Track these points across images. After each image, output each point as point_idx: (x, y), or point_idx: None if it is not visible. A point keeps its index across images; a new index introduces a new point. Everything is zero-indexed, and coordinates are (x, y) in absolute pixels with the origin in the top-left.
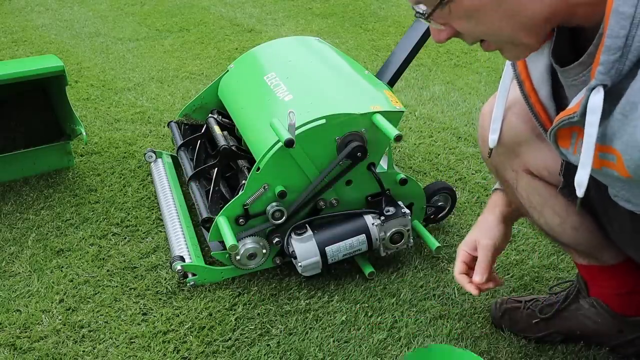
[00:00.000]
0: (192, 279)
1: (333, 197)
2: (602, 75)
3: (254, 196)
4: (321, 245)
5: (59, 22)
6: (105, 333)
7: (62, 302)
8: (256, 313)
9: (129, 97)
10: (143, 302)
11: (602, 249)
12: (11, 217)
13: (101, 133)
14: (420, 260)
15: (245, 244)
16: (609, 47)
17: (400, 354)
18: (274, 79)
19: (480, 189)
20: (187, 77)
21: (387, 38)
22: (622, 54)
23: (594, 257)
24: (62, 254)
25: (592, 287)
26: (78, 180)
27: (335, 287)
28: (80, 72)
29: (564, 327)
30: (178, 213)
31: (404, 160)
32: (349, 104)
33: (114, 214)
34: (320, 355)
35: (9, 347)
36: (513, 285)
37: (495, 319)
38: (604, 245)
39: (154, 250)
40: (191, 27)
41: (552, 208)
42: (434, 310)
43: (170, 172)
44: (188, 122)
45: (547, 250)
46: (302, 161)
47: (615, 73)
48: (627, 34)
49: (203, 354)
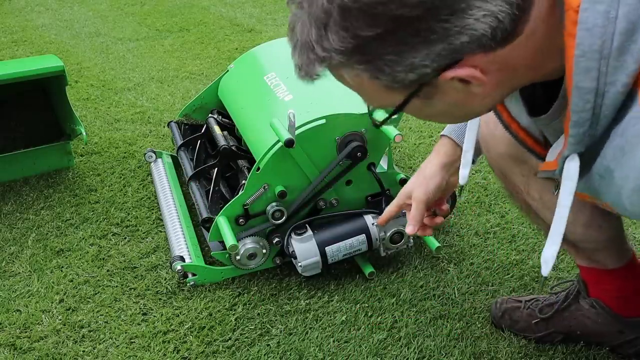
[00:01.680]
0: (192, 279)
1: (333, 197)
2: (574, 146)
3: (254, 196)
4: (321, 245)
5: (59, 22)
6: (105, 333)
7: (62, 302)
8: (256, 313)
9: (129, 97)
10: (143, 302)
11: (606, 250)
12: (11, 217)
13: (101, 133)
14: (420, 260)
15: (245, 244)
16: (577, 122)
17: (400, 354)
18: (274, 79)
19: (480, 189)
20: (187, 77)
21: None
22: (591, 123)
23: (595, 260)
24: (62, 254)
25: (593, 288)
26: (78, 180)
27: (335, 287)
28: (80, 72)
29: (564, 326)
30: (178, 213)
31: (404, 160)
32: (349, 104)
33: (114, 214)
34: (320, 355)
35: (9, 347)
36: (513, 285)
37: (495, 318)
38: (608, 247)
39: (154, 250)
40: (191, 27)
41: None
42: (434, 310)
43: (170, 172)
44: (188, 122)
45: None
46: (302, 161)
47: (588, 139)
48: (592, 106)
49: (203, 354)
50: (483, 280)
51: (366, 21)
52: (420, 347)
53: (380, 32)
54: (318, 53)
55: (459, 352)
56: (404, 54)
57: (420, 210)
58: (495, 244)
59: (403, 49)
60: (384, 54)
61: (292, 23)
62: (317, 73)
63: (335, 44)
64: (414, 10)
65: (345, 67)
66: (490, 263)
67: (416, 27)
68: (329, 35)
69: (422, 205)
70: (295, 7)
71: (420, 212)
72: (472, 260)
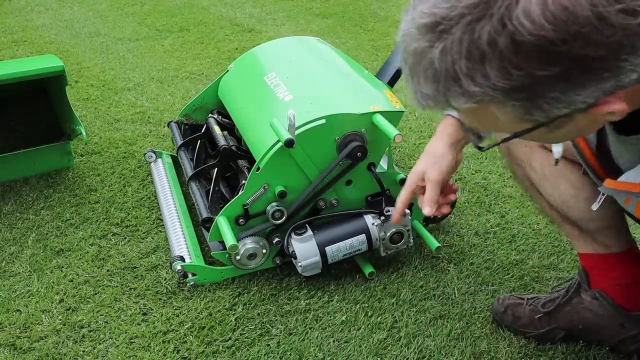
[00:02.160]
0: (192, 279)
1: (333, 197)
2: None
3: (254, 196)
4: (321, 245)
5: (59, 22)
6: (105, 333)
7: (62, 302)
8: (256, 313)
9: (129, 97)
10: (143, 302)
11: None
12: (11, 217)
13: (101, 133)
14: (420, 260)
15: (245, 244)
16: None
17: (400, 354)
18: (274, 79)
19: (480, 189)
20: (187, 77)
21: (387, 38)
22: None
23: (599, 242)
24: (62, 254)
25: (594, 277)
26: (78, 180)
27: (335, 287)
28: (80, 72)
29: (566, 321)
30: (178, 213)
31: (404, 160)
32: (349, 104)
33: (114, 214)
34: (320, 355)
35: (9, 347)
36: (513, 285)
37: (498, 314)
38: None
39: (154, 250)
40: (191, 27)
41: (567, 178)
42: (434, 310)
43: (170, 172)
44: (188, 122)
45: (547, 250)
46: (302, 161)
47: None
48: None
49: (203, 354)
50: (483, 280)
51: (542, 59)
52: (420, 347)
53: (556, 71)
54: (465, 86)
55: (459, 352)
56: (569, 91)
57: (436, 191)
58: (495, 244)
59: (570, 87)
60: (549, 92)
61: (420, 48)
62: (455, 106)
63: (495, 79)
64: (599, 50)
65: (496, 103)
66: (490, 263)
67: (592, 66)
68: (487, 70)
69: (437, 185)
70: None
71: (436, 193)
72: (472, 260)
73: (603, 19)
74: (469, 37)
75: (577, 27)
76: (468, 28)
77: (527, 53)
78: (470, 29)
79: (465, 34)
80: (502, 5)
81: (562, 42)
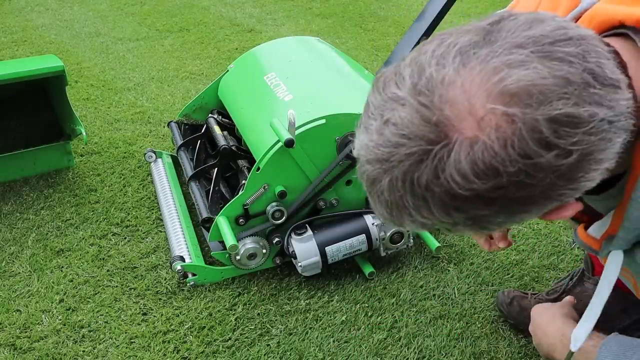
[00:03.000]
0: (192, 279)
1: (333, 197)
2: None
3: (254, 196)
4: (321, 245)
5: (59, 22)
6: (105, 333)
7: (62, 302)
8: (256, 313)
9: (129, 97)
10: (143, 302)
11: None
12: (11, 217)
13: (101, 133)
14: (420, 260)
15: (245, 244)
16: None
17: (400, 354)
18: (274, 79)
19: None
20: (187, 77)
21: (387, 38)
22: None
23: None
24: (62, 254)
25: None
26: (78, 180)
27: (335, 287)
28: (80, 72)
29: None
30: (178, 213)
31: None
32: (349, 104)
33: (114, 214)
34: (320, 355)
35: (9, 347)
36: (513, 285)
37: (504, 305)
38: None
39: (154, 250)
40: (191, 27)
41: None
42: (434, 310)
43: (170, 172)
44: (188, 122)
45: (547, 250)
46: (302, 161)
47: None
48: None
49: (203, 354)
50: (483, 280)
51: (479, 204)
52: (420, 347)
53: (496, 209)
54: (414, 217)
55: (459, 352)
56: (515, 215)
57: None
58: None
59: (515, 212)
60: (494, 218)
61: (372, 176)
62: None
63: (438, 216)
64: (534, 190)
65: (446, 225)
66: (490, 263)
67: (531, 199)
68: (431, 208)
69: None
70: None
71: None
72: (472, 260)
73: (534, 165)
74: (410, 178)
75: (507, 178)
76: (409, 170)
77: (465, 200)
78: (411, 171)
79: (407, 175)
80: (435, 157)
81: (495, 190)
